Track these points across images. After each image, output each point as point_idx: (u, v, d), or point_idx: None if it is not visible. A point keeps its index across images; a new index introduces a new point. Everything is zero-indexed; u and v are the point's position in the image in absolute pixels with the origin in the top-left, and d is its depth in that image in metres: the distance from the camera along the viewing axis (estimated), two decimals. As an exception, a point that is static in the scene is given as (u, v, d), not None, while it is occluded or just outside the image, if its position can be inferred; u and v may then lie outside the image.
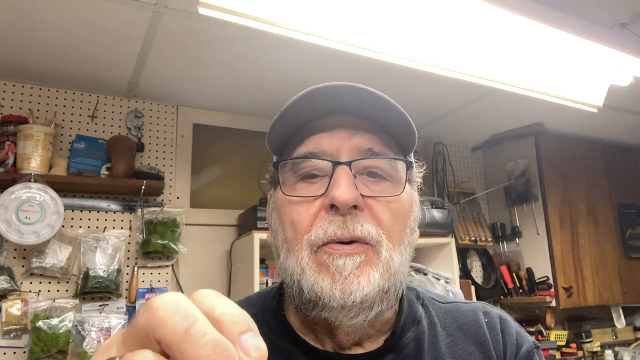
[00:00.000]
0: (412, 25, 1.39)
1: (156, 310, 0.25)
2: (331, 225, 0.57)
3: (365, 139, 0.62)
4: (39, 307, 1.88)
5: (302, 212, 0.60)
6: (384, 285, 0.58)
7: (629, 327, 3.32)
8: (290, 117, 0.63)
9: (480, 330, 0.69)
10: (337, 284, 0.56)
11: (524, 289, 2.92)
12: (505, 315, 0.73)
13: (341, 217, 0.57)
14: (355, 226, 0.57)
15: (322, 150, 0.61)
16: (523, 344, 0.68)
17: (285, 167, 0.63)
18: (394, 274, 0.59)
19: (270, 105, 2.46)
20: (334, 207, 0.57)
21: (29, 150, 1.94)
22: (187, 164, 2.43)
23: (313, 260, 0.58)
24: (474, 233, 3.00)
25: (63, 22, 1.67)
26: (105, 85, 2.20)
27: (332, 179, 0.58)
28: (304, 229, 0.59)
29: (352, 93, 0.61)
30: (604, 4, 1.67)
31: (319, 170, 0.61)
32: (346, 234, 0.57)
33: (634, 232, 3.26)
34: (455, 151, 3.25)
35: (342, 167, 0.59)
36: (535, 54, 1.61)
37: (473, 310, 0.72)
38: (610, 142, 3.30)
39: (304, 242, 0.58)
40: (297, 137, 0.64)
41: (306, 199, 0.60)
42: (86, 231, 2.08)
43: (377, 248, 0.58)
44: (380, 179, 0.62)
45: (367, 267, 0.57)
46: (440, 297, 0.75)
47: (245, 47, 1.89)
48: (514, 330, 0.70)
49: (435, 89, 2.30)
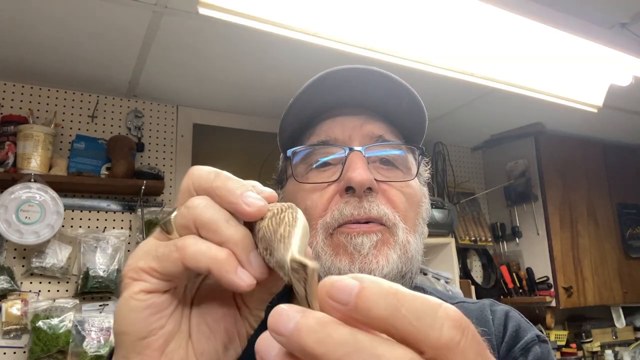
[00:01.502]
0: (412, 25, 1.39)
1: (191, 174, 0.36)
2: (347, 206, 0.57)
3: (376, 126, 0.63)
4: (39, 307, 1.88)
5: (315, 199, 0.60)
6: (401, 268, 0.58)
7: (629, 327, 3.32)
8: (302, 108, 0.63)
9: (486, 327, 0.68)
10: (356, 263, 0.55)
11: (524, 289, 2.92)
12: (514, 311, 0.71)
13: (357, 199, 0.58)
14: (372, 206, 0.57)
15: (335, 138, 0.62)
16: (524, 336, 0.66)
17: (296, 158, 0.64)
18: (410, 259, 0.59)
19: (270, 105, 2.46)
20: (350, 190, 0.58)
21: (29, 150, 1.94)
22: (187, 164, 2.43)
23: (328, 244, 0.58)
24: (474, 233, 3.00)
25: (63, 22, 1.67)
26: (105, 85, 2.20)
27: (347, 163, 0.59)
28: (319, 214, 0.59)
29: (362, 81, 0.61)
30: (604, 4, 1.67)
31: (332, 158, 0.62)
32: (362, 214, 0.57)
33: (634, 232, 3.26)
34: (455, 151, 3.25)
35: (355, 152, 0.59)
36: (535, 54, 1.61)
37: (480, 308, 0.71)
38: (610, 142, 3.29)
39: (319, 227, 0.58)
40: (309, 128, 0.65)
41: (319, 185, 0.61)
42: (86, 231, 2.08)
43: (393, 230, 0.58)
44: (392, 166, 0.62)
45: (384, 247, 0.57)
46: (449, 296, 0.75)
47: (245, 47, 1.89)
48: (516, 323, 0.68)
49: (435, 89, 2.30)
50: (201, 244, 0.32)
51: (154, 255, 0.34)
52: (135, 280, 0.34)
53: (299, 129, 0.66)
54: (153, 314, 0.34)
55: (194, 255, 0.32)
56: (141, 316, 0.33)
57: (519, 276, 2.95)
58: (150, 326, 0.34)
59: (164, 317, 0.35)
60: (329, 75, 0.61)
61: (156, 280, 0.34)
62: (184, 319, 0.37)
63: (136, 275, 0.34)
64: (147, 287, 0.34)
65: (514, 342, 0.66)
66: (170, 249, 0.33)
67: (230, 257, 0.31)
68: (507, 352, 0.65)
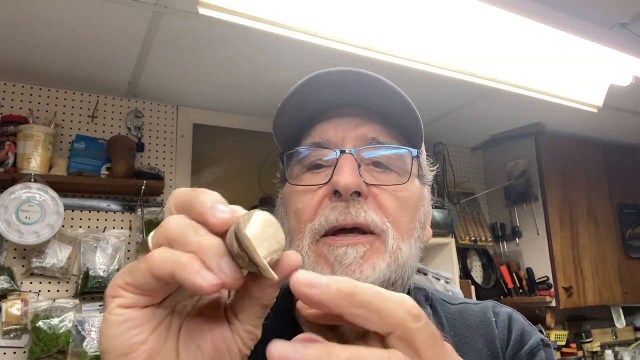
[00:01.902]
0: (412, 25, 1.39)
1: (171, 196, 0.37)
2: (333, 212, 0.56)
3: (371, 129, 0.61)
4: (39, 307, 1.88)
5: (306, 201, 0.59)
6: (390, 276, 0.56)
7: (629, 327, 3.32)
8: (295, 110, 0.62)
9: (489, 329, 0.67)
10: (337, 274, 0.54)
11: (524, 289, 2.93)
12: (516, 314, 0.71)
13: (344, 203, 0.56)
14: (359, 212, 0.56)
15: (327, 140, 0.61)
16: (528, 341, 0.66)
17: (291, 159, 0.64)
18: (401, 265, 0.57)
19: (270, 105, 2.45)
20: (337, 194, 0.57)
21: (29, 150, 1.94)
22: (187, 164, 2.43)
23: (313, 250, 0.57)
24: (474, 233, 3.00)
25: (63, 22, 1.67)
26: (105, 85, 2.20)
27: (336, 166, 0.58)
28: (308, 218, 0.58)
29: (356, 82, 0.60)
30: (604, 4, 1.67)
31: (325, 160, 0.61)
32: (349, 220, 0.56)
33: (634, 232, 3.26)
34: (455, 151, 3.25)
35: (346, 155, 0.58)
36: (535, 54, 1.61)
37: (483, 309, 0.70)
38: (610, 142, 3.30)
39: (307, 231, 0.58)
40: (304, 128, 0.64)
41: (310, 187, 0.60)
42: (86, 231, 2.08)
43: (383, 238, 0.57)
44: (386, 169, 0.61)
45: (372, 256, 0.56)
46: (451, 297, 0.74)
47: (245, 47, 1.89)
48: (520, 326, 0.68)
49: (435, 89, 2.30)
50: (167, 252, 0.33)
51: (128, 270, 0.35)
52: (114, 297, 0.35)
53: (296, 129, 0.65)
54: (131, 328, 0.34)
55: (159, 263, 0.32)
56: (119, 331, 0.34)
57: (519, 276, 2.95)
58: (129, 341, 0.34)
59: (145, 332, 0.35)
60: (321, 76, 0.60)
61: (131, 295, 0.34)
62: (170, 337, 0.37)
63: (113, 292, 0.35)
64: (123, 302, 0.34)
65: (519, 346, 0.65)
66: (139, 262, 0.34)
67: (192, 260, 0.32)
68: (513, 356, 0.65)
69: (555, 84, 1.76)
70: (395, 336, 0.30)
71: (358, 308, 0.29)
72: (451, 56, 1.50)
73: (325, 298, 0.30)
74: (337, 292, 0.29)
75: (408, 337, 0.30)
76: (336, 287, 0.29)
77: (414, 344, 0.30)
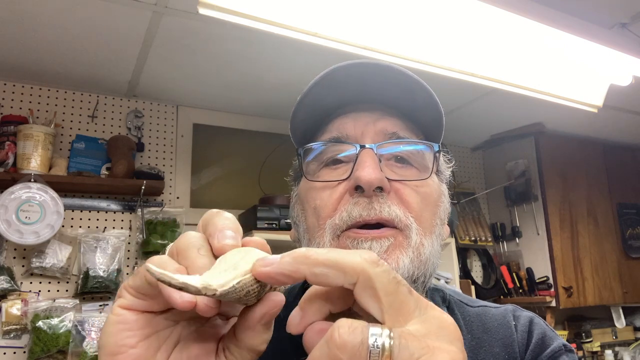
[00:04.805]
0: (412, 25, 1.39)
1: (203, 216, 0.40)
2: (356, 207, 0.55)
3: (391, 123, 0.60)
4: (39, 307, 1.88)
5: (325, 198, 0.58)
6: (413, 272, 0.55)
7: (629, 327, 3.32)
8: (312, 105, 0.61)
9: (508, 332, 0.65)
10: None
11: (524, 289, 2.92)
12: (538, 318, 0.69)
13: (367, 199, 0.55)
14: (382, 207, 0.55)
15: (346, 134, 0.60)
16: (550, 345, 0.64)
17: (308, 155, 0.62)
18: (424, 262, 0.56)
19: (270, 105, 2.47)
20: (359, 189, 0.55)
21: (29, 150, 1.94)
22: (187, 164, 2.43)
23: (334, 245, 0.56)
24: (474, 233, 3.00)
25: (63, 22, 1.67)
26: (105, 85, 2.20)
27: (357, 161, 0.56)
28: (327, 214, 0.57)
29: (376, 74, 0.59)
30: (604, 4, 1.67)
31: (343, 155, 0.59)
32: (372, 216, 0.55)
33: (634, 232, 3.26)
34: (455, 151, 3.25)
35: (366, 149, 0.57)
36: (535, 54, 1.61)
37: (502, 313, 0.69)
38: (610, 142, 3.29)
39: (327, 227, 0.56)
40: (322, 124, 0.63)
41: (329, 183, 0.58)
42: (86, 231, 2.08)
43: (406, 232, 0.56)
44: (406, 164, 0.60)
45: (396, 251, 0.55)
46: (471, 300, 0.72)
47: (245, 47, 1.89)
48: (542, 331, 0.66)
49: (435, 88, 2.29)
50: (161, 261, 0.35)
51: (134, 274, 0.37)
52: (118, 297, 0.37)
53: (313, 125, 0.64)
54: (124, 330, 0.36)
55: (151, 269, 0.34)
56: (113, 330, 0.36)
57: (519, 276, 2.95)
58: (120, 342, 0.36)
59: (136, 336, 0.36)
60: (339, 69, 0.58)
61: (131, 297, 0.37)
62: (163, 350, 0.38)
63: (119, 292, 0.37)
64: (123, 303, 0.37)
65: (540, 350, 0.63)
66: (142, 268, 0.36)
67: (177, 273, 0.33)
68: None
69: (555, 84, 1.76)
70: (360, 287, 0.31)
71: (317, 267, 0.31)
72: (451, 56, 1.50)
73: (283, 268, 0.32)
74: (292, 259, 0.32)
75: (369, 283, 0.30)
76: (290, 256, 0.32)
77: (375, 290, 0.30)
